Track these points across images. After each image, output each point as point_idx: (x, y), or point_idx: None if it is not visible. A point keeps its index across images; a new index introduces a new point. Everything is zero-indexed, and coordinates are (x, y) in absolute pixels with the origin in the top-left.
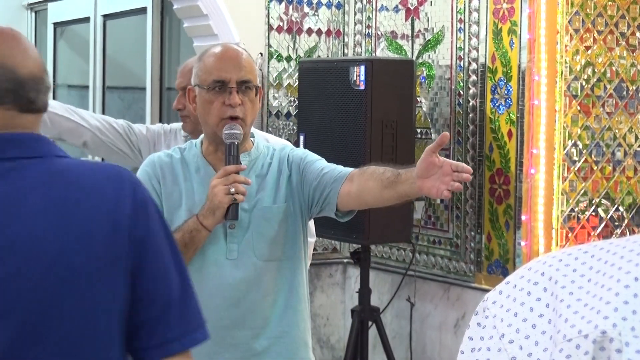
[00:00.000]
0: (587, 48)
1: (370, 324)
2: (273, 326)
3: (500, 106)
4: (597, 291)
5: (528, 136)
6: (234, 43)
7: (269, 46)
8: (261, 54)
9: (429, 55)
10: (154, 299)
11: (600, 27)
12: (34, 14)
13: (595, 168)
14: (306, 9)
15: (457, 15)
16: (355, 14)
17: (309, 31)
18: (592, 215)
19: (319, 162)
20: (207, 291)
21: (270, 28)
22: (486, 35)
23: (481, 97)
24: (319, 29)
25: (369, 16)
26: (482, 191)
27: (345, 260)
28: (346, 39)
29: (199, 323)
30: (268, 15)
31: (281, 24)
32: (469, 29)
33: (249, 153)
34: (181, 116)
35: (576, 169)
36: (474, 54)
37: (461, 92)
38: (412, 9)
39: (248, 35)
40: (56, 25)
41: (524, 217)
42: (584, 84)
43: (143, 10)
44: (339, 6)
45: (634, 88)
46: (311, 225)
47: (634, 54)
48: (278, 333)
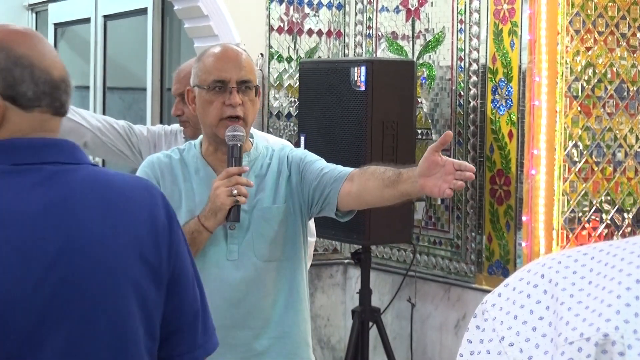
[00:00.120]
0: (588, 49)
1: (370, 324)
2: (273, 326)
3: (501, 107)
4: (598, 293)
5: (529, 137)
6: (234, 43)
7: (270, 47)
8: (262, 54)
9: (430, 56)
10: (185, 308)
11: (600, 28)
12: (34, 14)
13: (596, 169)
14: (307, 9)
15: (457, 16)
16: (356, 14)
17: (310, 32)
18: (592, 216)
19: (318, 162)
20: (208, 292)
21: (270, 29)
22: (487, 36)
23: (482, 97)
24: (320, 29)
25: (369, 17)
26: (483, 192)
27: (346, 261)
28: (347, 40)
29: (213, 329)
30: (269, 16)
31: (282, 24)
32: (469, 30)
33: (248, 154)
34: (181, 122)
35: (577, 169)
36: (474, 54)
37: (462, 93)
38: (412, 9)
39: (249, 36)
40: (57, 25)
41: (524, 218)
42: (584, 84)
43: (144, 11)
44: (340, 7)
45: (635, 89)
46: (311, 225)
47: (635, 55)
48: (279, 333)
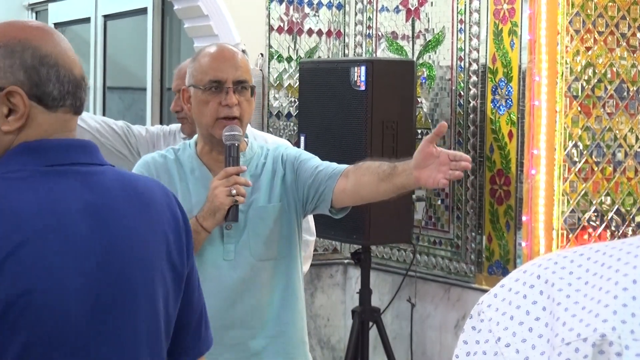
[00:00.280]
0: (588, 49)
1: (370, 324)
2: (270, 325)
3: (501, 107)
4: (594, 294)
5: (529, 137)
6: (234, 43)
7: (270, 47)
8: (262, 54)
9: (430, 56)
10: (194, 306)
11: (600, 28)
12: (34, 14)
13: (596, 169)
14: (307, 9)
15: (457, 16)
16: (356, 14)
17: (310, 32)
18: (592, 216)
19: (313, 160)
20: (205, 293)
21: (270, 29)
22: (487, 36)
23: (482, 97)
24: (320, 29)
25: (369, 17)
26: (483, 192)
27: (346, 261)
28: (347, 40)
29: (209, 322)
30: (269, 15)
31: (282, 24)
32: (469, 30)
33: (243, 153)
34: (179, 118)
35: (577, 169)
36: (474, 54)
37: (462, 93)
38: (412, 9)
39: (248, 36)
40: (57, 25)
41: (524, 218)
42: (584, 84)
43: (143, 11)
44: (340, 7)
45: (635, 89)
46: (312, 224)
47: (635, 55)
48: (275, 332)
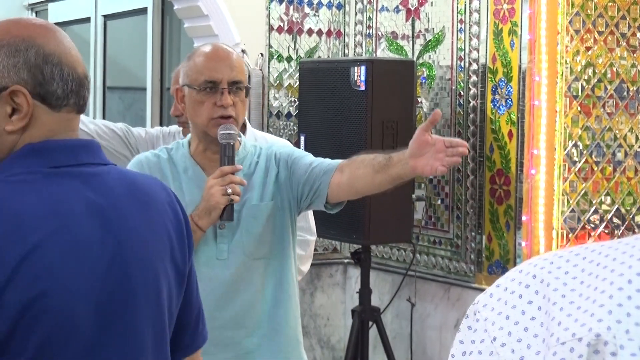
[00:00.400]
0: (588, 49)
1: (370, 324)
2: (264, 324)
3: (501, 107)
4: (590, 293)
5: (528, 137)
6: (234, 43)
7: (270, 46)
8: (262, 54)
9: (430, 56)
10: (193, 304)
11: (600, 28)
12: (34, 14)
13: (596, 169)
14: (307, 9)
15: (457, 16)
16: (356, 14)
17: (310, 31)
18: (592, 216)
19: (307, 157)
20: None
21: (270, 28)
22: (487, 35)
23: (482, 97)
24: (320, 29)
25: (369, 16)
26: (483, 191)
27: (346, 261)
28: (347, 40)
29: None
30: (268, 15)
31: (282, 24)
32: (469, 30)
33: (237, 153)
34: (179, 122)
35: (577, 169)
36: (474, 54)
37: (462, 93)
38: (412, 9)
39: (248, 36)
40: (57, 25)
41: (524, 218)
42: (584, 84)
43: (143, 11)
44: (340, 7)
45: (635, 89)
46: (312, 224)
47: (635, 55)
48: (269, 331)
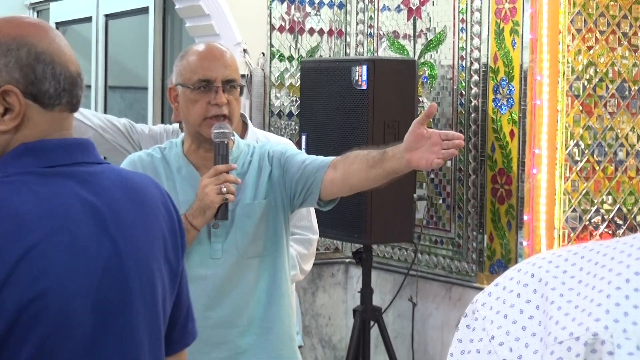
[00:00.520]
0: (589, 48)
1: (372, 323)
2: (257, 323)
3: (502, 106)
4: (587, 293)
5: (530, 136)
6: (235, 43)
7: (271, 46)
8: (263, 53)
9: (431, 55)
10: (183, 302)
11: (602, 27)
12: (36, 13)
13: (597, 168)
14: (308, 8)
15: (459, 15)
16: (357, 13)
17: (311, 31)
18: (594, 216)
19: (299, 154)
20: (193, 292)
21: (272, 28)
22: (488, 35)
23: (483, 97)
24: (321, 28)
25: (371, 16)
26: (484, 191)
27: (347, 260)
28: (348, 39)
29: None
30: (270, 15)
31: (283, 23)
32: (471, 29)
33: (230, 152)
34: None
35: (578, 169)
36: (476, 53)
37: (463, 92)
38: (414, 8)
39: (250, 35)
40: (58, 24)
41: (526, 217)
42: (586, 84)
43: (145, 10)
44: (341, 6)
45: (636, 88)
46: (314, 223)
47: (636, 54)
48: (263, 329)
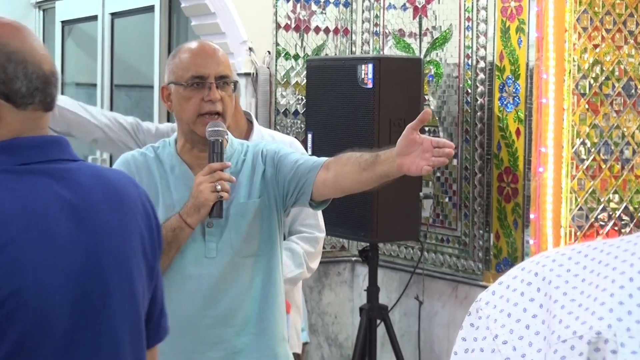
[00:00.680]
0: (596, 46)
1: (378, 322)
2: (253, 322)
3: (508, 104)
4: (591, 292)
5: (536, 134)
6: (241, 41)
7: (277, 44)
8: (269, 52)
9: (437, 54)
10: (158, 298)
11: (608, 25)
12: (42, 12)
13: (604, 166)
14: (314, 7)
15: (465, 14)
16: (363, 12)
17: (317, 29)
18: (600, 214)
19: (293, 154)
20: (188, 291)
21: (278, 26)
22: (494, 33)
23: (489, 95)
24: (327, 27)
25: (376, 14)
26: (491, 189)
27: (354, 259)
28: (354, 37)
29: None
30: (276, 13)
31: (289, 22)
32: (476, 27)
33: (224, 150)
34: None
35: (584, 167)
36: (482, 52)
37: (469, 91)
38: (419, 7)
39: (256, 34)
40: (64, 23)
41: (532, 216)
42: (592, 82)
43: (151, 9)
44: (347, 4)
45: None
46: (321, 221)
47: None
48: (259, 329)
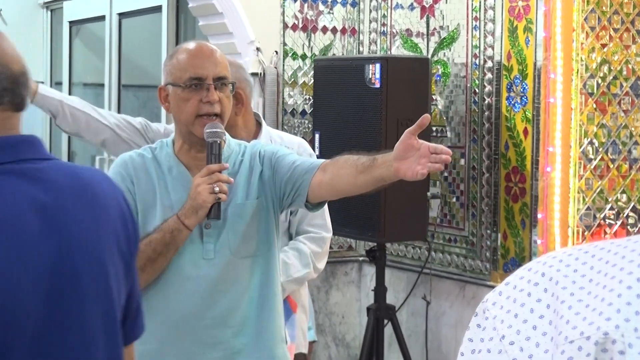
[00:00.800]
0: (603, 46)
1: (385, 322)
2: (251, 323)
3: (516, 104)
4: (598, 292)
5: (544, 134)
6: (248, 41)
7: (284, 44)
8: (276, 52)
9: (444, 53)
10: (136, 292)
11: (616, 25)
12: (49, 12)
13: (612, 166)
14: (321, 7)
15: (472, 13)
16: (371, 11)
17: (324, 29)
18: (608, 214)
19: (290, 155)
20: (186, 292)
21: (285, 26)
22: (502, 33)
23: (497, 95)
24: (334, 27)
25: (384, 14)
26: (498, 189)
27: (361, 258)
28: (361, 37)
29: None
30: (283, 13)
31: (296, 22)
32: (484, 27)
33: (222, 151)
34: None
35: (592, 167)
36: (489, 51)
37: (477, 90)
38: (427, 6)
39: (263, 34)
40: (72, 23)
41: (540, 215)
42: (600, 81)
43: (158, 9)
44: (354, 4)
45: None
46: (328, 221)
47: None
48: (257, 330)
